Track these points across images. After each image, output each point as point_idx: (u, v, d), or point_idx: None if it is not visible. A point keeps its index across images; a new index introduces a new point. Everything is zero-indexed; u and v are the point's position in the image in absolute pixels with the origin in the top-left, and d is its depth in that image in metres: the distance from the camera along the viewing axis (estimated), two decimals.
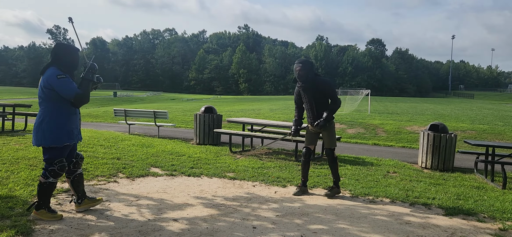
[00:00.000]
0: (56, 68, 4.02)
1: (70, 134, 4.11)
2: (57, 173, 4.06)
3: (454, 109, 29.50)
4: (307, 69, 5.42)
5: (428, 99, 63.78)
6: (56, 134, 4.00)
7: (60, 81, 3.93)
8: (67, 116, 4.08)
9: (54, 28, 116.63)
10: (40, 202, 4.04)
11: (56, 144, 4.00)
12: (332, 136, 5.65)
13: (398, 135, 14.64)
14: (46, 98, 4.00)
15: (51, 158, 4.04)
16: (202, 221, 4.35)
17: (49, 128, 3.98)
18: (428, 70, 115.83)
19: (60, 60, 4.08)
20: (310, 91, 5.50)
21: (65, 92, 3.94)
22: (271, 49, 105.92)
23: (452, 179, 7.26)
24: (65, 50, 4.15)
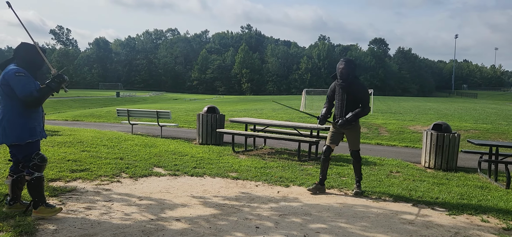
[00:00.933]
0: (15, 65, 3.96)
1: (33, 132, 4.01)
2: (39, 165, 4.00)
3: (457, 109, 29.41)
4: (350, 69, 5.55)
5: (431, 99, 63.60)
6: (17, 132, 3.92)
7: (17, 77, 3.85)
8: (28, 113, 3.98)
9: (57, 28, 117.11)
10: (35, 199, 4.01)
11: (18, 141, 3.92)
12: (356, 138, 5.72)
13: (401, 134, 14.61)
14: (5, 95, 3.92)
15: (27, 155, 3.99)
16: (205, 221, 4.35)
17: (10, 125, 3.91)
18: (431, 70, 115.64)
19: (20, 57, 4.04)
20: (346, 90, 5.59)
21: (19, 89, 3.83)
22: (273, 49, 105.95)
23: (456, 178, 7.24)
24: (27, 49, 4.08)
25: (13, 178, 4.19)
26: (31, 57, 4.08)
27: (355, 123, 5.68)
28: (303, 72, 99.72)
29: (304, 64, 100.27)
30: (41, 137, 4.15)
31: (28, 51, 4.08)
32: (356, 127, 5.72)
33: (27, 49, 4.09)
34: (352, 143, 5.74)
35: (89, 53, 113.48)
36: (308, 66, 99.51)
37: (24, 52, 4.07)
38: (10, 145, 4.01)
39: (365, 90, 5.66)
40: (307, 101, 27.95)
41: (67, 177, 5.92)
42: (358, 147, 5.76)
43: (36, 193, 4.02)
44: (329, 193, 5.84)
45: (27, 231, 3.73)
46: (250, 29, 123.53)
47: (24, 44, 4.12)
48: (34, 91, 3.91)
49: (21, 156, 4.01)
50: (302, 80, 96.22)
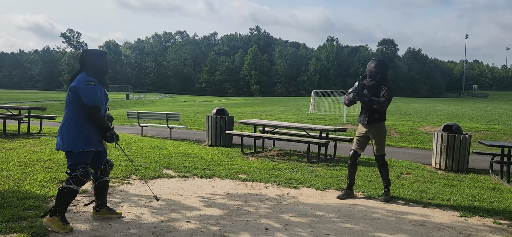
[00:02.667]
0: (86, 74, 3.95)
1: (88, 141, 3.93)
2: (80, 179, 3.89)
3: (468, 110, 29.10)
4: (380, 69, 5.49)
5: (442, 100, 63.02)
6: (73, 139, 3.87)
7: (87, 86, 3.86)
8: (90, 123, 3.95)
9: (68, 32, 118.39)
10: (56, 207, 3.89)
11: (72, 149, 3.87)
12: (381, 142, 5.61)
13: (411, 136, 14.50)
14: (70, 101, 3.91)
15: (74, 163, 3.90)
16: (215, 222, 4.37)
17: (67, 132, 3.89)
18: (441, 70, 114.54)
19: (87, 66, 3.99)
20: (373, 89, 5.49)
21: (86, 97, 3.84)
22: (281, 51, 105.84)
23: (467, 180, 7.16)
24: (91, 55, 4.06)
25: (95, 185, 4.24)
26: (96, 62, 4.04)
27: (381, 126, 5.55)
28: (311, 74, 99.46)
29: (313, 65, 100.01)
30: (97, 148, 4.07)
31: (92, 58, 4.04)
32: (382, 130, 5.59)
33: (90, 56, 4.06)
34: (377, 147, 5.58)
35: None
36: (317, 67, 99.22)
37: (88, 60, 4.02)
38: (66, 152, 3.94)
39: (392, 90, 5.51)
40: (316, 102, 27.86)
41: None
42: (383, 152, 5.61)
43: (60, 203, 3.89)
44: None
45: (39, 232, 3.77)
46: (259, 31, 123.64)
47: (86, 51, 4.10)
48: (98, 102, 3.91)
49: (69, 162, 3.93)
50: (311, 82, 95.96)
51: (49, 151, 8.03)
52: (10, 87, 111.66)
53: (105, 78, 4.15)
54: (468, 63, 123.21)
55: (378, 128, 5.57)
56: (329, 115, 21.32)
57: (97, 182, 4.23)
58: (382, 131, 5.61)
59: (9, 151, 7.92)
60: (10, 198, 4.73)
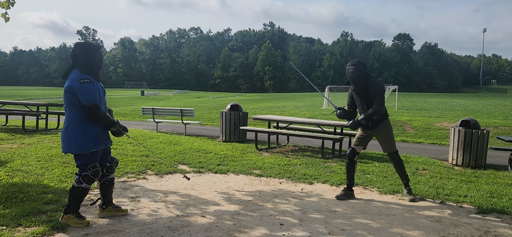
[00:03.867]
0: (79, 71, 3.79)
1: (97, 140, 3.90)
2: (90, 178, 3.89)
3: (485, 105, 28.58)
4: (360, 71, 5.25)
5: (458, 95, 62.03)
6: (82, 141, 3.80)
7: (82, 85, 3.72)
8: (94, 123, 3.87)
9: (84, 29, 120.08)
10: (70, 206, 3.89)
11: (82, 151, 3.81)
12: (387, 139, 5.39)
13: (427, 131, 14.32)
14: (70, 103, 3.79)
15: (83, 164, 3.87)
16: (229, 217, 4.39)
17: (74, 134, 3.79)
18: (458, 65, 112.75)
19: (80, 62, 3.84)
20: (362, 93, 5.28)
21: (83, 97, 3.72)
22: (296, 46, 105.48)
23: (485, 176, 7.05)
24: (84, 49, 3.88)
25: (101, 183, 4.20)
26: (90, 57, 3.87)
27: (383, 125, 5.34)
28: (325, 69, 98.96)
29: (327, 61, 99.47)
30: (106, 145, 4.06)
31: (85, 52, 3.87)
32: (385, 129, 5.37)
33: (83, 50, 3.88)
34: (385, 146, 5.41)
35: (114, 53, 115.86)
36: (331, 63, 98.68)
37: (81, 55, 3.85)
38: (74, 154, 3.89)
39: (378, 87, 5.26)
40: (330, 98, 27.71)
41: None
42: (394, 149, 5.41)
43: (73, 200, 3.89)
44: (354, 190, 5.78)
45: (58, 226, 3.85)
46: (273, 26, 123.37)
47: (78, 45, 3.94)
48: (97, 100, 3.81)
49: (79, 163, 3.88)
50: (324, 77, 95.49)
51: None
52: (28, 84, 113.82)
53: (99, 73, 4.02)
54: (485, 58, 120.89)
55: (382, 126, 5.34)
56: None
57: (103, 180, 4.19)
58: (387, 127, 5.39)
59: (28, 146, 8.08)
60: (30, 192, 4.83)
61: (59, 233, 3.74)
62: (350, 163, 5.42)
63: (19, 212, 4.13)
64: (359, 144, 5.45)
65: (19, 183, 5.27)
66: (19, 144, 8.32)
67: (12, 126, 11.86)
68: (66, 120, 3.86)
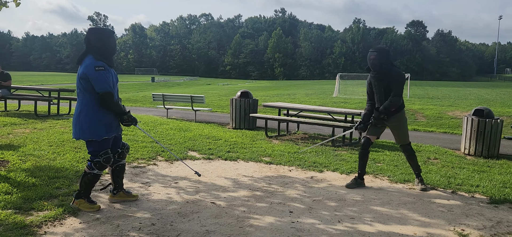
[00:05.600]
0: (93, 58, 3.76)
1: (109, 127, 3.90)
2: (102, 165, 3.90)
3: (499, 94, 28.13)
4: (382, 58, 5.09)
5: (472, 83, 61.15)
6: (94, 128, 3.79)
7: (97, 72, 3.70)
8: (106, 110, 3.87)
9: (95, 14, 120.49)
10: (81, 191, 3.92)
11: (94, 137, 3.81)
12: (403, 130, 5.31)
13: (439, 120, 14.15)
14: (83, 89, 3.78)
15: (95, 150, 3.88)
16: (239, 203, 4.40)
17: (87, 121, 3.78)
18: (472, 53, 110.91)
19: (95, 47, 3.81)
20: (383, 82, 5.15)
21: (97, 84, 3.71)
22: (307, 33, 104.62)
23: (498, 166, 6.95)
24: (97, 35, 3.85)
25: (112, 169, 4.22)
26: (103, 43, 3.83)
27: (399, 116, 5.25)
28: (336, 56, 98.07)
29: (338, 48, 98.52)
30: (117, 132, 4.06)
31: (99, 38, 3.84)
32: (401, 119, 5.28)
33: (97, 35, 3.85)
34: (399, 137, 5.33)
35: (125, 39, 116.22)
36: (342, 50, 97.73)
37: (95, 40, 3.82)
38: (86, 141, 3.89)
39: (400, 78, 5.16)
40: (340, 86, 27.52)
41: None
42: (407, 140, 5.34)
43: (85, 186, 3.91)
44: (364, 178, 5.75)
45: (69, 211, 3.89)
46: (284, 13, 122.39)
47: (92, 30, 3.89)
48: (110, 87, 3.79)
49: (91, 149, 3.88)
50: (336, 65, 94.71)
51: None
52: (41, 69, 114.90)
53: (113, 58, 3.99)
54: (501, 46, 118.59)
55: (397, 117, 5.26)
56: (354, 98, 21.02)
57: (115, 165, 4.21)
58: (403, 119, 5.31)
59: (40, 131, 8.17)
60: (42, 176, 4.89)
61: (70, 217, 3.78)
62: (364, 153, 5.35)
63: (31, 196, 4.18)
64: (373, 133, 5.37)
65: (31, 167, 5.34)
66: (31, 129, 8.42)
67: (24, 111, 12.00)
68: (79, 105, 3.84)
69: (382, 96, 5.21)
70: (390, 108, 5.13)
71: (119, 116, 4.00)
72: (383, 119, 5.25)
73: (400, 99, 5.17)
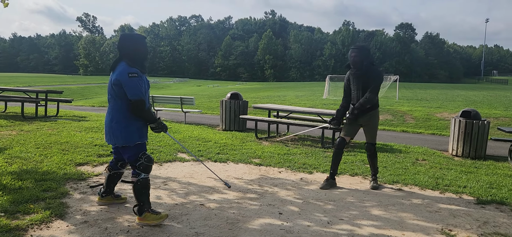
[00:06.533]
0: (127, 64, 3.71)
1: (141, 132, 3.83)
2: (146, 166, 3.79)
3: (486, 96, 28.53)
4: (363, 56, 5.19)
5: (459, 85, 61.92)
6: (127, 134, 3.75)
7: (131, 80, 3.65)
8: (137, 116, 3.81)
9: (84, 16, 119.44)
10: (140, 204, 3.73)
11: (127, 143, 3.75)
12: (374, 130, 5.38)
13: (427, 122, 14.30)
14: (116, 95, 3.73)
15: (133, 155, 3.80)
16: (229, 206, 4.39)
17: (119, 127, 3.75)
18: (459, 55, 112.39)
19: (127, 53, 3.77)
20: (362, 79, 5.23)
21: (130, 91, 3.65)
22: (296, 35, 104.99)
23: (485, 167, 7.04)
24: (130, 41, 3.82)
25: (109, 173, 4.18)
26: (136, 49, 3.81)
27: (374, 114, 5.33)
28: (326, 58, 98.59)
29: (328, 50, 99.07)
30: (146, 139, 3.96)
31: (132, 44, 3.81)
32: (375, 118, 5.37)
33: (130, 42, 3.82)
34: (369, 135, 5.39)
35: (114, 40, 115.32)
36: (332, 52, 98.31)
37: (128, 46, 3.79)
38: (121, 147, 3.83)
39: (379, 77, 5.25)
40: (330, 88, 27.65)
41: (94, 161, 6.07)
42: (375, 140, 5.42)
43: (142, 196, 3.76)
44: (354, 180, 5.78)
45: (57, 213, 3.84)
46: (274, 15, 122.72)
47: (125, 36, 3.86)
48: (143, 95, 3.73)
49: (127, 156, 3.83)
50: (325, 67, 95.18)
51: (66, 134, 8.15)
52: (28, 70, 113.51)
53: (146, 64, 3.93)
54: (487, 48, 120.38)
55: (371, 115, 5.32)
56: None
57: (113, 171, 4.17)
58: (376, 117, 5.39)
59: (27, 133, 8.06)
60: (28, 179, 4.82)
61: (57, 220, 3.73)
62: (338, 152, 5.40)
63: (18, 199, 4.12)
64: (348, 134, 5.44)
65: (18, 170, 5.26)
66: (18, 131, 8.30)
67: (11, 113, 11.84)
68: (110, 112, 3.82)
69: (360, 93, 5.29)
70: (365, 104, 5.21)
71: (149, 123, 3.91)
72: (357, 115, 5.30)
73: (376, 97, 5.26)
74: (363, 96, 5.24)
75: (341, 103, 5.61)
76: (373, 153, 5.44)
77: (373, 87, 5.18)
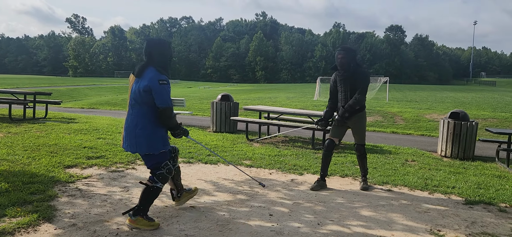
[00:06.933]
0: (157, 71, 3.66)
1: (165, 140, 3.82)
2: (165, 177, 3.80)
3: (475, 97, 28.87)
4: (350, 58, 5.21)
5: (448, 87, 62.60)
6: (152, 141, 3.70)
7: (161, 87, 3.61)
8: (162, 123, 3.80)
9: (73, 17, 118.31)
10: (140, 207, 3.71)
11: (152, 151, 3.72)
12: (363, 131, 5.41)
13: (417, 123, 14.42)
14: (142, 101, 3.66)
15: (155, 163, 3.78)
16: (219, 207, 4.37)
17: (144, 134, 3.68)
18: (448, 57, 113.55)
19: (156, 59, 3.71)
20: (349, 80, 5.24)
21: (160, 98, 3.62)
22: (287, 37, 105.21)
23: (473, 167, 7.12)
24: (159, 47, 3.77)
25: None
26: (165, 54, 3.77)
27: (361, 115, 5.36)
28: (317, 60, 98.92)
29: (319, 52, 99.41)
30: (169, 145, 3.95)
31: (161, 49, 3.77)
32: (363, 119, 5.40)
33: (158, 47, 3.77)
34: (358, 136, 5.41)
35: (104, 42, 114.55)
36: (323, 53, 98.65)
37: (157, 52, 3.73)
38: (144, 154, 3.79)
39: (366, 78, 5.30)
40: (321, 89, 27.75)
41: (83, 163, 6.01)
42: (364, 141, 5.45)
43: (146, 201, 3.75)
44: (344, 181, 5.81)
45: (45, 216, 3.80)
46: (265, 16, 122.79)
47: (152, 42, 3.80)
48: (171, 103, 3.72)
49: (150, 164, 3.80)
50: (316, 68, 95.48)
51: (54, 136, 8.06)
52: (16, 72, 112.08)
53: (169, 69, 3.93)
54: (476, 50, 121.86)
55: (359, 116, 5.36)
56: None
57: None
58: (364, 118, 5.43)
59: (15, 135, 7.96)
60: (16, 182, 4.76)
61: (45, 223, 3.69)
62: (328, 154, 5.41)
63: (4, 202, 4.07)
64: (336, 135, 5.46)
65: (5, 172, 5.19)
66: (5, 133, 8.20)
67: None
68: (134, 118, 3.72)
69: (348, 94, 5.30)
70: (355, 105, 5.23)
71: (172, 130, 3.89)
72: (346, 117, 5.32)
73: (365, 98, 5.28)
74: (352, 97, 5.26)
75: (328, 104, 5.63)
76: (363, 154, 5.47)
77: (361, 88, 5.21)
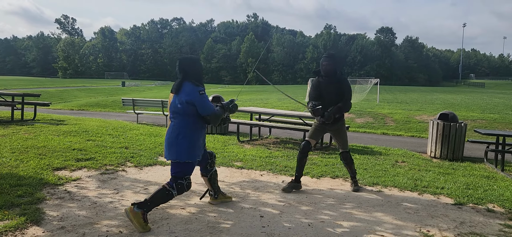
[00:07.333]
0: (193, 84, 3.97)
1: (200, 150, 4.11)
2: (184, 189, 3.96)
3: (464, 98, 29.19)
4: (336, 65, 5.27)
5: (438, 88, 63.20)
6: (192, 149, 3.97)
7: (202, 97, 3.95)
8: (200, 131, 4.09)
9: (63, 17, 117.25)
10: (147, 203, 3.77)
11: (191, 159, 3.97)
12: (345, 136, 5.47)
13: (407, 124, 14.53)
14: (185, 112, 3.94)
15: (181, 172, 3.96)
16: (210, 209, 4.36)
17: (186, 142, 3.93)
18: (438, 59, 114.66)
19: (191, 75, 4.02)
20: (335, 86, 5.29)
21: (204, 107, 3.94)
22: (279, 38, 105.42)
23: (462, 168, 7.19)
24: (191, 63, 4.09)
25: (207, 177, 4.47)
26: (197, 68, 4.10)
27: (343, 121, 5.45)
28: (308, 62, 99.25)
29: (310, 53, 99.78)
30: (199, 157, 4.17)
31: (193, 65, 4.09)
32: (344, 125, 5.51)
33: (191, 63, 4.09)
34: (342, 143, 5.45)
35: (94, 43, 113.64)
36: (314, 55, 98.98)
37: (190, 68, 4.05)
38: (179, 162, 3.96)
39: (349, 85, 5.42)
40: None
41: (72, 166, 5.95)
42: (348, 147, 5.51)
43: (155, 201, 3.85)
44: (334, 182, 5.82)
45: (33, 219, 3.75)
46: (256, 18, 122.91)
47: (185, 60, 4.12)
48: (214, 107, 4.05)
49: (178, 170, 3.96)
50: (308, 70, 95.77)
51: (43, 138, 7.97)
52: (4, 73, 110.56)
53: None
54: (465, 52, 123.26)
55: (341, 123, 5.42)
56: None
57: (209, 175, 4.46)
58: (344, 125, 5.52)
59: (2, 138, 7.86)
60: (3, 185, 4.70)
61: (33, 227, 3.64)
62: (303, 156, 5.38)
63: None
64: (314, 137, 5.47)
65: None
66: None
67: None
68: (177, 127, 3.97)
69: (333, 100, 5.30)
70: (345, 110, 5.35)
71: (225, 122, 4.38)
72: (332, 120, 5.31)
73: (350, 105, 5.41)
74: (336, 103, 5.27)
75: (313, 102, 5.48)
76: (349, 160, 5.49)
77: (348, 94, 5.33)
